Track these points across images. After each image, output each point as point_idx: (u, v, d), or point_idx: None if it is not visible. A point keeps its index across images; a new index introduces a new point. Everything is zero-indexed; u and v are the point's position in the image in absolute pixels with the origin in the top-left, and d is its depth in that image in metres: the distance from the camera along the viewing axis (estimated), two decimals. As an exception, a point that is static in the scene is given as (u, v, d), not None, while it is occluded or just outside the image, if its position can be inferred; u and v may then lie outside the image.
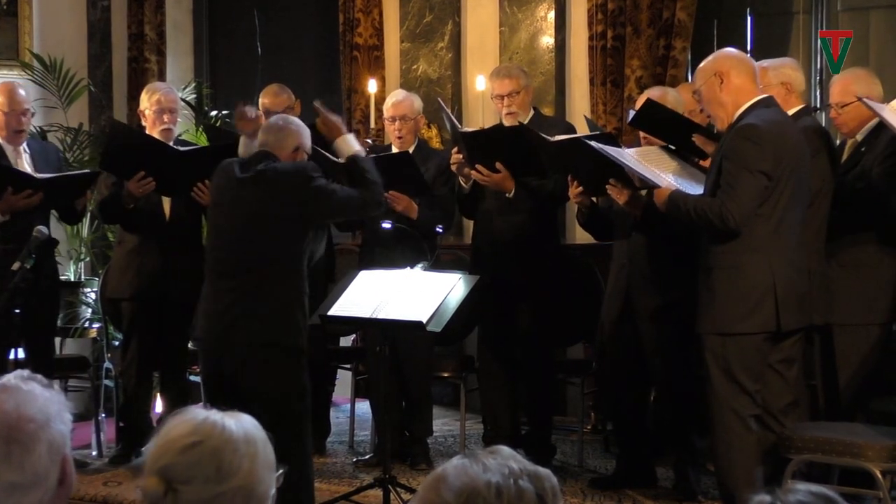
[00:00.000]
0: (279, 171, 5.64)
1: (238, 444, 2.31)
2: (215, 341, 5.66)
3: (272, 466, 2.36)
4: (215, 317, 5.65)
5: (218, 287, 5.69)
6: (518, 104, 7.04)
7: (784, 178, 5.48)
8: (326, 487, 6.53)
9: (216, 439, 2.30)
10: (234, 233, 5.67)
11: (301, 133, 5.83)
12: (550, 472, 2.13)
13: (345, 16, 9.38)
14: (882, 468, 5.16)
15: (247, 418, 2.38)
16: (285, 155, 5.74)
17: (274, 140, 5.77)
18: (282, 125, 5.85)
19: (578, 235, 8.14)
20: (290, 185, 5.59)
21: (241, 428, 2.33)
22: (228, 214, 5.71)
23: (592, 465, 7.26)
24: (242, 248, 5.62)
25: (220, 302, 5.64)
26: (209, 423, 2.32)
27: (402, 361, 7.11)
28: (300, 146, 5.80)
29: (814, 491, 2.08)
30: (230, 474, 2.28)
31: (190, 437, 2.30)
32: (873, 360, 6.12)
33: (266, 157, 5.71)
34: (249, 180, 5.63)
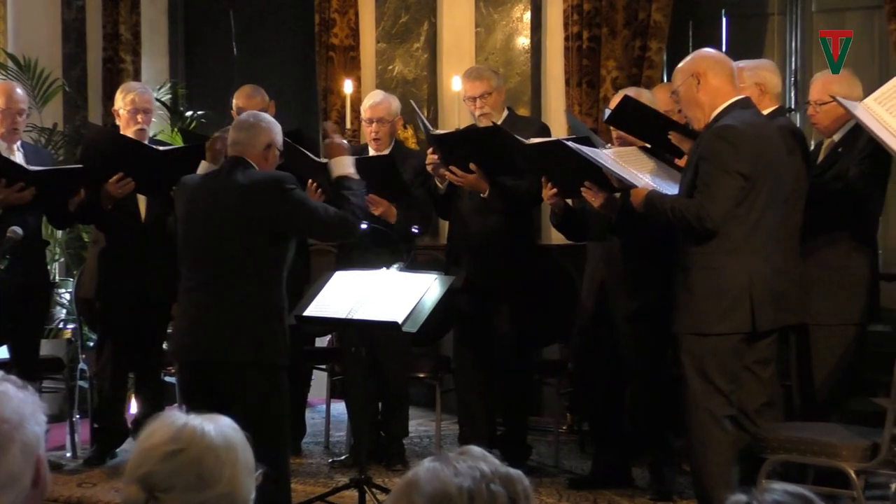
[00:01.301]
0: (255, 180, 5.55)
1: (219, 451, 2.30)
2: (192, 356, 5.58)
3: (252, 470, 2.36)
4: (192, 332, 5.58)
5: (194, 302, 5.61)
6: (490, 105, 7.04)
7: (761, 179, 5.49)
8: (302, 488, 6.52)
9: (197, 446, 2.29)
10: (209, 245, 5.56)
11: (272, 129, 5.73)
12: (522, 473, 2.13)
13: (320, 16, 9.36)
14: (856, 468, 5.18)
15: (225, 421, 2.37)
16: (257, 153, 5.63)
17: (245, 138, 5.67)
18: (252, 122, 5.74)
19: (554, 236, 8.13)
20: (265, 194, 5.50)
21: (220, 433, 2.32)
22: (203, 227, 5.59)
23: (568, 465, 7.26)
24: (218, 261, 5.52)
25: (197, 317, 5.56)
26: (189, 429, 2.31)
27: (379, 362, 7.10)
28: (272, 143, 5.69)
29: (790, 491, 2.09)
30: (212, 482, 2.27)
31: (170, 445, 2.29)
32: (848, 359, 6.14)
33: (238, 164, 5.61)
34: (224, 189, 5.54)
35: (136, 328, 7.26)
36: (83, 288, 7.48)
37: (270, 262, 5.55)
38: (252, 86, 7.80)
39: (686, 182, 5.64)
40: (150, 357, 7.41)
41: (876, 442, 5.14)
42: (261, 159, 5.65)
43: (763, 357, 5.65)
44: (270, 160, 5.71)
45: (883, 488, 5.96)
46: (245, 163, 5.61)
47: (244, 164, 5.61)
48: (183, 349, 5.69)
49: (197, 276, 5.61)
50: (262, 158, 5.66)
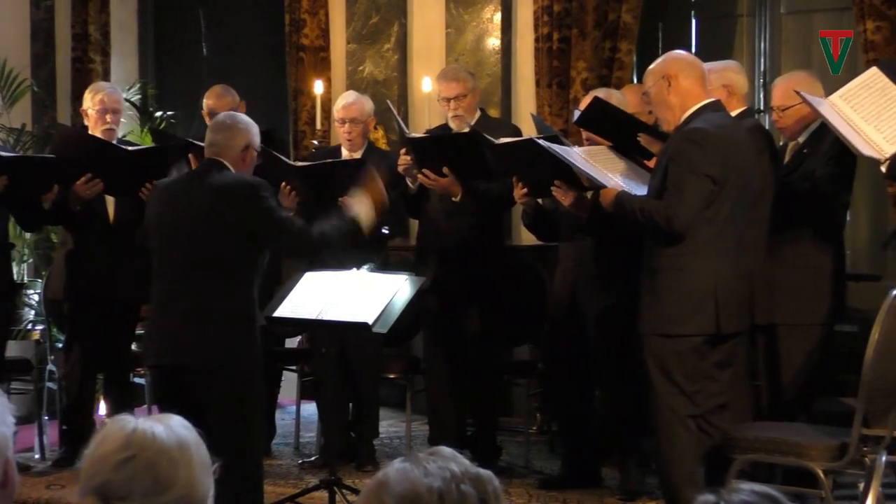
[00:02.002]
0: (230, 183, 5.49)
1: (172, 453, 2.28)
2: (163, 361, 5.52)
3: (208, 466, 2.34)
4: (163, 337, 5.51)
5: (165, 305, 5.54)
6: (465, 107, 7.05)
7: (730, 182, 5.51)
8: (272, 489, 6.50)
9: (149, 451, 2.27)
10: (181, 248, 5.48)
11: (250, 131, 5.67)
12: (492, 474, 2.13)
13: (291, 17, 9.35)
14: (825, 468, 5.20)
15: (175, 421, 2.35)
16: (234, 155, 5.58)
17: (223, 139, 5.61)
18: (230, 123, 5.68)
19: (524, 237, 8.15)
20: (239, 198, 5.44)
21: (171, 434, 2.30)
22: (176, 229, 5.51)
23: (538, 465, 7.27)
24: (190, 264, 5.45)
25: (168, 321, 5.49)
26: (139, 434, 2.29)
27: (350, 363, 7.09)
28: (249, 144, 5.64)
29: (758, 490, 2.09)
30: (169, 485, 2.26)
31: (122, 453, 2.27)
32: (816, 360, 6.17)
33: (213, 167, 5.55)
34: (198, 191, 5.48)
35: (105, 329, 7.23)
36: (51, 289, 7.45)
37: (242, 267, 5.49)
38: (222, 86, 7.79)
39: (655, 184, 5.66)
40: (119, 358, 7.38)
41: (844, 442, 5.17)
42: (238, 161, 5.59)
43: (723, 359, 5.65)
44: (248, 161, 5.65)
45: (851, 488, 5.98)
46: (221, 165, 5.56)
47: (219, 167, 5.55)
48: (153, 353, 5.62)
49: (168, 278, 5.56)
50: (239, 160, 5.60)
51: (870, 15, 7.21)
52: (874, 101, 5.72)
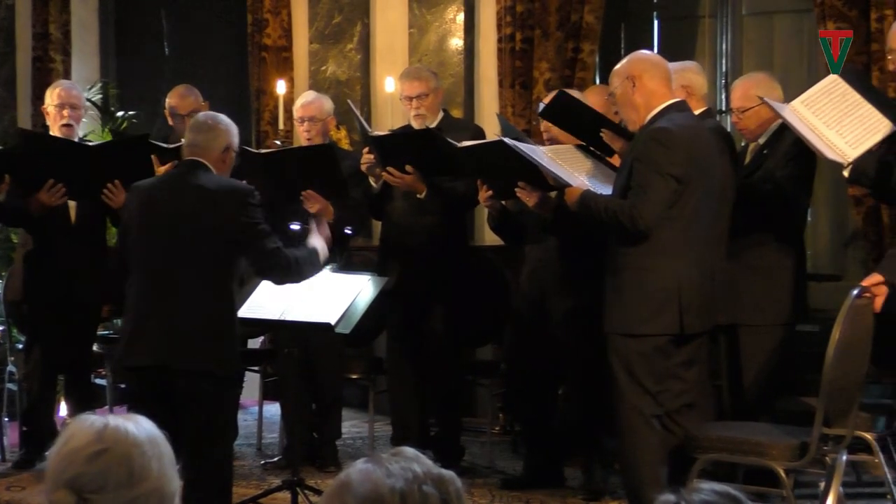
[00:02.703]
0: (220, 186, 5.42)
1: (145, 447, 2.29)
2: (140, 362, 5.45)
3: (174, 463, 2.35)
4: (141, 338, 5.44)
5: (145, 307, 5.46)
6: (427, 106, 7.05)
7: (693, 182, 5.53)
8: (235, 490, 6.44)
9: (123, 444, 2.27)
10: (163, 249, 5.40)
11: (230, 132, 5.59)
12: (455, 474, 2.13)
13: (253, 16, 9.32)
14: (786, 467, 5.22)
15: (142, 419, 2.35)
16: (215, 156, 5.49)
17: (204, 140, 5.52)
18: (211, 124, 5.58)
19: (487, 237, 8.15)
20: (228, 202, 5.37)
21: (142, 430, 2.31)
22: (158, 230, 5.43)
23: (501, 465, 7.28)
24: (172, 266, 5.37)
25: (149, 322, 5.42)
26: (111, 428, 2.29)
27: (312, 363, 7.08)
28: (229, 145, 5.56)
29: (718, 490, 2.10)
30: (142, 478, 2.26)
31: (95, 446, 2.27)
32: (777, 360, 6.20)
33: (196, 168, 5.47)
34: (183, 192, 5.41)
35: (66, 330, 7.18)
36: (11, 290, 7.39)
37: (224, 269, 5.42)
38: (186, 85, 7.76)
39: (620, 183, 5.68)
40: (80, 359, 7.35)
41: (805, 441, 5.19)
42: (218, 161, 5.51)
43: (688, 359, 5.69)
44: (228, 163, 5.58)
45: (812, 487, 6.01)
46: (203, 166, 5.48)
47: (203, 168, 5.47)
48: (135, 354, 5.52)
49: (150, 279, 5.45)
50: (219, 161, 5.52)
51: (830, 17, 7.25)
52: (835, 106, 5.76)
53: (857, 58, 7.20)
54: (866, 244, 7.31)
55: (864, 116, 5.71)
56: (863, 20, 7.22)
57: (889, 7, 7.04)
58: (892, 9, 7.01)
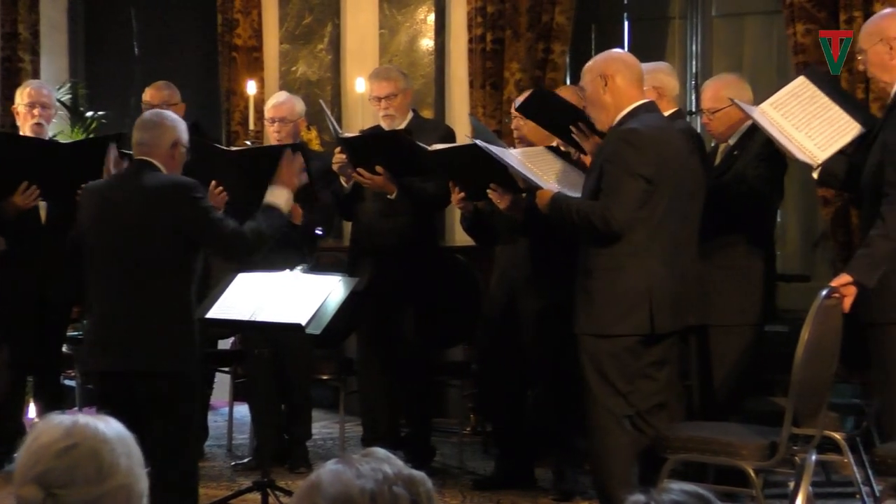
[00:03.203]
0: (163, 184, 5.41)
1: (114, 444, 2.28)
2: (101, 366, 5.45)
3: (143, 463, 2.35)
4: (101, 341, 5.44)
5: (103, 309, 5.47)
6: (395, 107, 7.05)
7: (664, 183, 5.55)
8: (204, 492, 6.45)
9: (92, 440, 2.27)
10: (116, 251, 5.40)
11: (177, 127, 5.57)
12: (425, 475, 2.13)
13: (223, 17, 9.30)
14: (755, 467, 5.24)
15: (111, 419, 2.35)
16: (163, 153, 5.48)
17: (149, 138, 5.51)
18: (156, 121, 5.58)
19: (458, 238, 8.16)
20: (172, 200, 5.36)
21: (111, 428, 2.31)
22: (110, 232, 5.43)
23: (472, 466, 7.28)
24: (126, 268, 5.37)
25: (106, 325, 5.42)
26: (81, 425, 2.29)
27: (282, 364, 7.07)
28: (177, 141, 5.54)
29: (688, 490, 2.11)
30: (111, 473, 2.26)
31: (64, 441, 2.26)
32: (747, 360, 6.22)
33: (144, 168, 5.46)
34: (131, 193, 5.40)
35: (35, 331, 7.14)
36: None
37: (178, 268, 5.41)
38: (165, 81, 7.75)
39: (589, 184, 5.68)
40: (50, 360, 7.31)
41: (774, 441, 5.21)
42: (167, 158, 5.50)
43: (659, 359, 5.70)
44: (177, 158, 5.55)
45: (781, 486, 6.04)
46: (152, 166, 5.46)
47: (151, 168, 5.46)
48: (95, 359, 5.53)
49: (104, 282, 5.46)
50: (168, 157, 5.50)
51: (799, 18, 7.28)
52: (804, 109, 5.78)
53: (826, 59, 7.25)
54: (835, 245, 7.34)
55: (833, 119, 5.73)
56: (832, 22, 7.24)
57: (858, 9, 7.07)
58: (860, 10, 7.04)
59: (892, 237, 5.15)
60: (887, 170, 5.20)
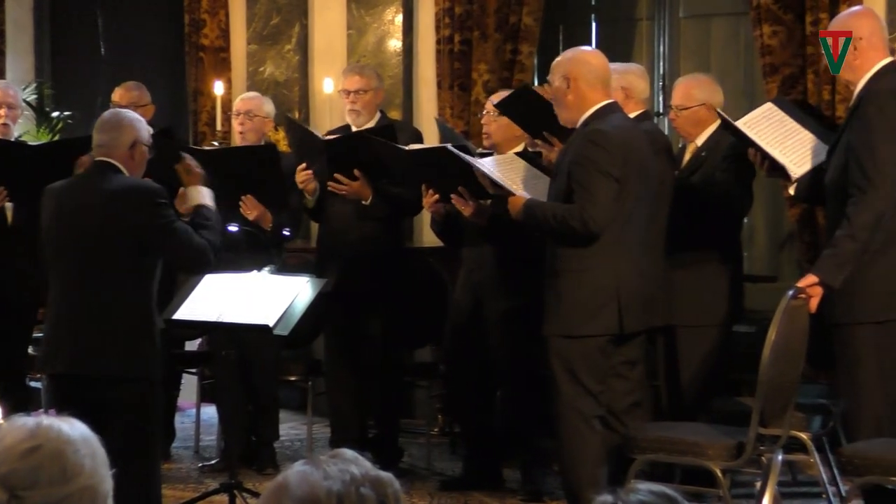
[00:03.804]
0: (126, 187, 5.33)
1: (78, 445, 2.27)
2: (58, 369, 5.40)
3: (107, 464, 2.33)
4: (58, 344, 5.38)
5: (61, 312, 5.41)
6: (363, 103, 7.04)
7: (630, 182, 5.57)
8: (171, 493, 6.44)
9: (56, 441, 2.26)
10: (75, 253, 5.34)
11: (136, 126, 5.45)
12: (393, 476, 2.13)
13: (190, 17, 9.26)
14: (722, 467, 5.26)
15: (75, 421, 2.34)
16: (122, 153, 5.37)
17: (108, 139, 5.40)
18: (114, 121, 5.47)
19: (425, 239, 8.16)
20: (135, 204, 5.28)
21: (75, 429, 2.30)
22: (69, 234, 5.37)
23: (440, 467, 7.28)
24: (85, 270, 5.30)
25: (64, 328, 5.37)
26: (44, 426, 2.28)
27: (250, 365, 7.05)
28: (137, 140, 5.41)
29: (654, 490, 2.11)
30: (75, 474, 2.24)
31: (28, 443, 2.25)
32: (714, 360, 6.24)
33: (106, 169, 5.38)
34: (92, 195, 5.32)
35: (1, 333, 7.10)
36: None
37: (139, 271, 5.33)
38: (135, 82, 7.72)
39: (556, 187, 5.69)
40: (15, 363, 7.26)
41: (741, 441, 5.23)
42: (127, 159, 5.39)
43: (630, 358, 5.73)
44: (137, 158, 5.44)
45: (748, 486, 6.06)
46: (113, 168, 5.38)
47: (112, 169, 5.37)
48: (49, 361, 5.49)
49: (64, 284, 5.40)
50: (128, 158, 5.39)
51: (766, 20, 7.31)
52: (775, 129, 5.83)
53: (793, 60, 7.28)
54: (801, 245, 7.37)
55: (804, 141, 5.78)
56: (798, 24, 7.28)
57: (824, 10, 7.10)
58: (826, 12, 7.07)
59: (857, 238, 5.17)
60: (852, 170, 5.22)
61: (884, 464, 4.89)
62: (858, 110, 5.31)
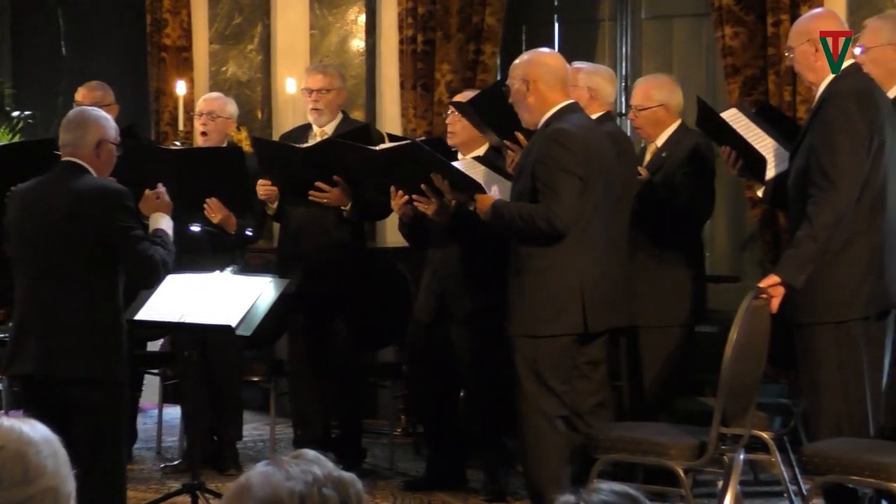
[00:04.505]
0: (91, 187, 5.27)
1: (40, 446, 2.26)
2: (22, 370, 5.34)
3: (69, 465, 2.32)
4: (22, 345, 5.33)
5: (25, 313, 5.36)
6: (325, 102, 7.03)
7: (592, 182, 5.59)
8: (133, 494, 6.41)
9: (17, 442, 2.24)
10: (40, 253, 5.29)
11: (101, 124, 5.38)
12: (356, 476, 2.12)
13: (152, 16, 9.23)
14: (685, 466, 5.27)
15: (36, 423, 2.33)
16: (88, 153, 5.31)
17: (73, 138, 5.34)
18: (79, 120, 5.40)
19: (389, 238, 8.16)
20: (100, 204, 5.23)
21: (36, 430, 2.29)
22: (34, 234, 5.31)
23: (403, 467, 7.28)
24: (49, 271, 5.25)
25: (28, 329, 5.31)
26: (6, 428, 2.27)
27: (213, 366, 7.03)
28: (103, 139, 5.35)
29: (617, 490, 2.12)
30: (38, 475, 2.23)
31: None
32: (676, 360, 6.27)
33: (72, 169, 5.32)
34: (58, 195, 5.27)
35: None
36: None
37: (104, 272, 5.29)
38: (98, 81, 7.69)
39: (519, 187, 5.70)
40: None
41: (703, 441, 5.24)
42: (93, 158, 5.33)
43: (593, 358, 5.75)
44: (104, 158, 5.38)
45: (710, 486, 6.09)
46: (79, 167, 5.32)
47: (79, 169, 5.32)
48: (13, 362, 5.42)
49: (30, 286, 5.35)
50: (94, 157, 5.33)
51: (728, 21, 7.35)
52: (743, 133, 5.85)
53: (754, 61, 7.32)
54: (763, 246, 7.41)
55: (768, 147, 5.81)
56: (759, 25, 7.32)
57: (785, 12, 7.14)
58: (787, 13, 7.11)
59: (818, 238, 5.19)
60: (813, 171, 5.25)
61: (844, 463, 4.91)
62: (820, 112, 5.33)
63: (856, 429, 5.22)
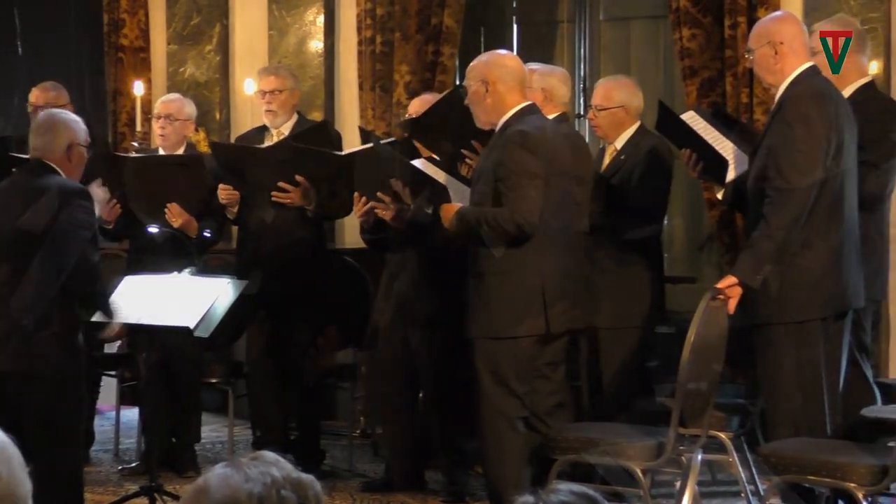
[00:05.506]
0: (50, 186, 5.24)
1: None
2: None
3: (24, 466, 2.31)
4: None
5: None
6: (279, 103, 7.02)
7: (552, 183, 5.59)
8: (91, 497, 6.38)
9: None
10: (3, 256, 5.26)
11: (71, 127, 5.40)
12: (314, 478, 2.12)
13: (110, 16, 9.20)
14: (643, 467, 5.29)
15: None
16: (59, 156, 5.33)
17: (43, 143, 5.36)
18: (49, 124, 5.42)
19: (347, 240, 8.15)
20: (55, 200, 5.20)
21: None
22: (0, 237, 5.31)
23: (362, 469, 7.27)
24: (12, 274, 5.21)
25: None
26: None
27: (171, 367, 7.00)
28: (73, 142, 5.37)
29: (575, 490, 2.12)
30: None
31: None
32: (634, 361, 6.29)
33: (41, 169, 5.32)
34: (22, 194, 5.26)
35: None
36: None
37: None
38: (52, 82, 7.64)
39: (479, 190, 5.70)
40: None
41: (661, 441, 5.26)
42: (63, 161, 5.34)
43: (553, 359, 5.76)
44: (75, 160, 5.39)
45: (668, 486, 6.10)
46: (47, 168, 5.32)
47: (48, 169, 5.32)
48: None
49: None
50: (64, 160, 5.35)
51: (685, 23, 7.38)
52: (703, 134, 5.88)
53: (711, 63, 7.35)
54: (720, 247, 7.45)
55: (727, 150, 5.84)
56: (717, 27, 7.36)
57: (742, 14, 7.18)
58: (744, 16, 7.15)
59: (774, 237, 5.22)
60: (770, 171, 5.27)
61: (800, 462, 4.93)
62: (779, 114, 5.36)
63: (813, 429, 5.24)
